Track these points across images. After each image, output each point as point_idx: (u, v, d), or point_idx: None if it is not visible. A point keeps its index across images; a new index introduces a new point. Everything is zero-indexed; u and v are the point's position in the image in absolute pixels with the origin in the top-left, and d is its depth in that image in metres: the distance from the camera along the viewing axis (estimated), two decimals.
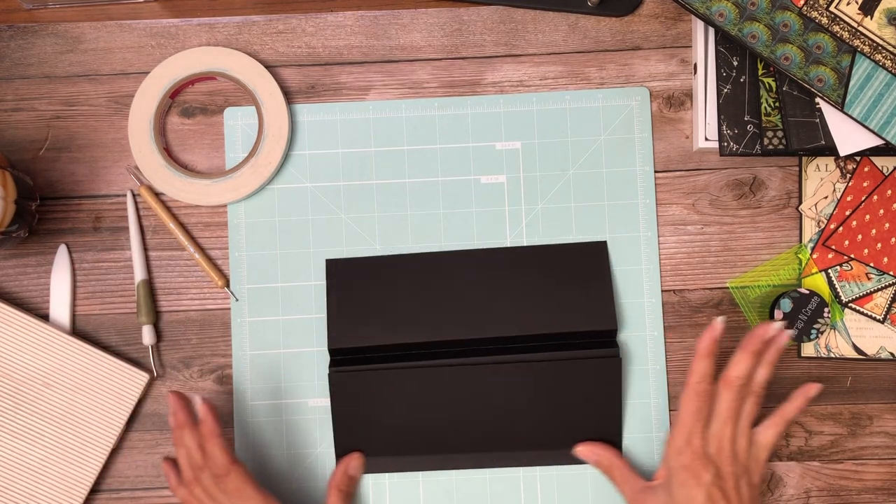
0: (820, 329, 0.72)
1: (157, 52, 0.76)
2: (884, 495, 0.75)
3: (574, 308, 0.73)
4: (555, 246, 0.74)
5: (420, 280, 0.73)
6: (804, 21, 0.70)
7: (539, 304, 0.73)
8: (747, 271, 0.75)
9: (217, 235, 0.75)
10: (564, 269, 0.74)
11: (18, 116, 0.75)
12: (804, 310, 0.72)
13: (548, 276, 0.73)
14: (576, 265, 0.74)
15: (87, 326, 0.75)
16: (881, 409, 0.75)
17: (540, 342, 0.73)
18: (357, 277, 0.74)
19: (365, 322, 0.73)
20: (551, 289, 0.73)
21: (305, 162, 0.75)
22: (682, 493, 0.64)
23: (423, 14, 0.76)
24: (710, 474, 0.63)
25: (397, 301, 0.73)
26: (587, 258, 0.74)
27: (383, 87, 0.76)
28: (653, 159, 0.75)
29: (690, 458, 0.64)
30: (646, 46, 0.76)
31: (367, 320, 0.73)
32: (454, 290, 0.73)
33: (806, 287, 0.73)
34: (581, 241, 0.74)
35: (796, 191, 0.75)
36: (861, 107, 0.69)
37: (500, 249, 0.74)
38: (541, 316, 0.73)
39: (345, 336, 0.73)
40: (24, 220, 0.69)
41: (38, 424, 0.72)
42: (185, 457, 0.68)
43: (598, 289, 0.73)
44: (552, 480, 0.74)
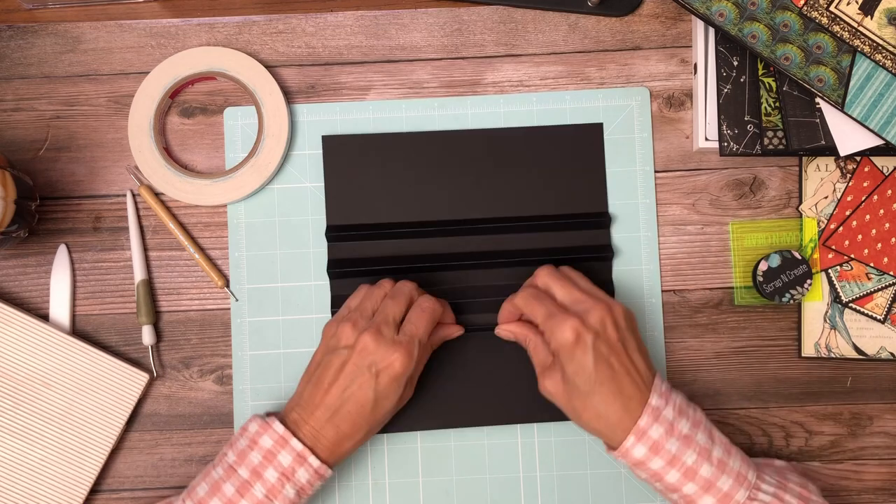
0: (794, 296, 0.72)
1: (157, 52, 0.76)
2: (884, 495, 0.75)
3: (568, 190, 0.74)
4: (551, 127, 0.75)
5: (417, 158, 0.74)
6: (804, 21, 0.70)
7: (532, 185, 0.74)
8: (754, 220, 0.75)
9: (217, 235, 0.75)
10: (560, 150, 0.74)
11: (18, 116, 0.75)
12: (788, 272, 0.72)
13: (542, 157, 0.74)
14: (571, 147, 0.74)
15: (87, 326, 0.75)
16: (881, 409, 0.75)
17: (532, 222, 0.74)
18: (353, 154, 0.74)
19: (361, 199, 0.74)
20: (545, 170, 0.74)
21: (305, 162, 0.75)
22: (572, 364, 0.63)
23: (423, 14, 0.76)
24: (590, 336, 0.63)
25: (394, 178, 0.74)
26: (583, 140, 0.75)
27: (383, 87, 0.76)
28: (653, 159, 0.75)
29: (572, 332, 0.63)
30: (646, 46, 0.76)
31: (363, 197, 0.74)
32: (450, 168, 0.74)
33: None
34: (578, 123, 0.75)
35: (796, 191, 0.75)
36: (861, 107, 0.69)
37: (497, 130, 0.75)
38: (533, 197, 0.74)
39: (341, 213, 0.74)
40: (24, 220, 0.69)
41: (38, 424, 0.72)
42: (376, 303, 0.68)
43: (592, 171, 0.74)
44: (552, 480, 0.74)
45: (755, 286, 0.73)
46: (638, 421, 0.62)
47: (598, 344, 0.63)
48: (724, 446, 0.64)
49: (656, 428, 0.62)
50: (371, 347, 0.64)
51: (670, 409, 0.63)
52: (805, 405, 0.75)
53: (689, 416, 0.64)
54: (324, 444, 0.65)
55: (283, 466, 0.63)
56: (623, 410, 0.63)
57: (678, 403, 0.64)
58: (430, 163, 0.74)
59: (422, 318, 0.68)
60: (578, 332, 0.63)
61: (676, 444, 0.62)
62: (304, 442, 0.64)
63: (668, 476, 0.62)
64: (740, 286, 0.75)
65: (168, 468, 0.74)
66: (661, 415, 0.63)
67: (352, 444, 0.66)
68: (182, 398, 0.74)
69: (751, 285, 0.74)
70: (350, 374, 0.65)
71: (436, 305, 0.69)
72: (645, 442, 0.62)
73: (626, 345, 0.65)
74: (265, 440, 0.64)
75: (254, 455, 0.63)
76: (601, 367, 0.63)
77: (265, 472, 0.63)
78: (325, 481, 0.66)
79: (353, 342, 0.65)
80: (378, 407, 0.65)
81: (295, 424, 0.65)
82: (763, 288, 0.72)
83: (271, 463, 0.63)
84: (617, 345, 0.64)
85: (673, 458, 0.62)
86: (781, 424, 0.75)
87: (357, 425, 0.65)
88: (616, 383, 0.63)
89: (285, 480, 0.63)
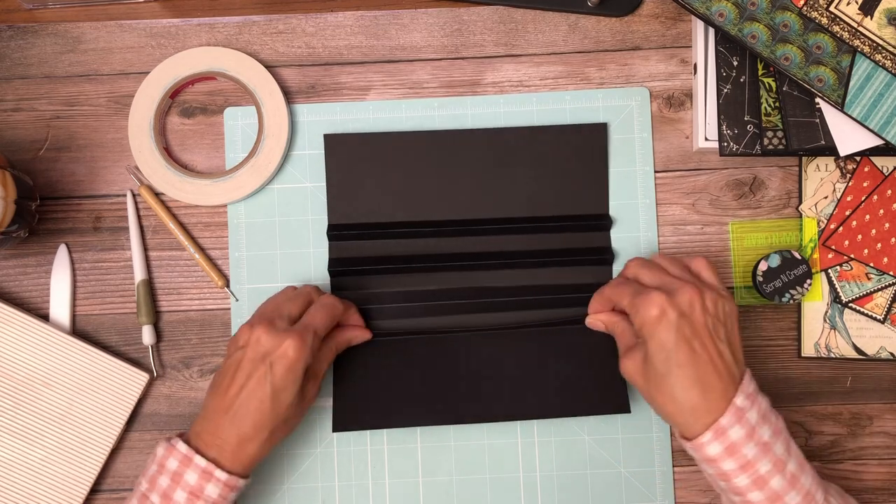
0: (794, 296, 0.72)
1: (157, 52, 0.76)
2: (884, 495, 0.75)
3: (570, 191, 0.74)
4: (554, 126, 0.74)
5: (419, 156, 0.74)
6: (804, 21, 0.70)
7: (535, 186, 0.74)
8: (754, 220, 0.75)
9: (217, 235, 0.75)
10: (563, 150, 0.74)
11: (18, 116, 0.75)
12: (788, 272, 0.72)
13: (545, 157, 0.74)
14: (575, 147, 0.74)
15: (87, 326, 0.75)
16: (881, 409, 0.75)
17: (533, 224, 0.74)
18: (354, 153, 0.74)
19: (362, 198, 0.74)
20: (548, 170, 0.74)
21: (305, 162, 0.75)
22: (653, 342, 0.62)
23: (423, 14, 0.76)
24: (674, 313, 0.61)
25: (395, 177, 0.74)
26: (587, 140, 0.74)
27: (383, 87, 0.76)
28: (653, 159, 0.75)
29: (655, 307, 0.61)
30: (646, 46, 0.76)
31: (365, 196, 0.74)
32: (452, 167, 0.74)
33: None
34: (582, 123, 0.75)
35: (796, 191, 0.75)
36: (861, 107, 0.69)
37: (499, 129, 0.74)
38: (535, 197, 0.74)
39: (343, 212, 0.74)
40: (24, 220, 0.69)
41: (38, 424, 0.72)
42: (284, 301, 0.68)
43: (594, 172, 0.74)
44: (552, 480, 0.74)
45: (755, 286, 0.73)
46: (719, 419, 0.60)
47: (682, 323, 0.61)
48: (798, 461, 0.62)
49: (737, 429, 0.60)
50: (263, 339, 0.63)
51: (755, 413, 0.61)
52: (805, 405, 0.75)
53: (772, 422, 0.62)
54: (228, 452, 0.63)
55: (190, 485, 0.62)
56: (701, 399, 0.61)
57: (763, 408, 0.62)
58: (433, 162, 0.74)
59: (318, 311, 0.67)
60: (663, 307, 0.61)
61: (754, 451, 0.60)
62: (208, 455, 0.63)
63: (736, 479, 0.60)
64: (740, 286, 0.75)
65: None
66: (745, 417, 0.60)
67: (256, 447, 0.64)
68: (182, 398, 0.74)
69: (751, 285, 0.74)
70: (246, 370, 0.63)
71: (335, 302, 0.68)
72: (722, 441, 0.60)
73: (714, 331, 0.62)
74: (171, 462, 0.63)
75: (162, 479, 0.62)
76: (682, 348, 0.61)
77: (174, 494, 0.62)
78: (241, 490, 0.65)
79: (247, 340, 0.64)
80: (277, 401, 0.63)
81: (198, 437, 0.64)
82: (763, 288, 0.72)
83: (179, 484, 0.62)
84: (703, 329, 0.62)
85: (747, 464, 0.60)
86: None
87: (259, 424, 0.63)
88: (696, 369, 0.61)
89: (195, 499, 0.62)
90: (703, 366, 0.61)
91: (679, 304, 0.61)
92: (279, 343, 0.63)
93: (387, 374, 0.73)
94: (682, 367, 0.61)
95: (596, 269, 0.74)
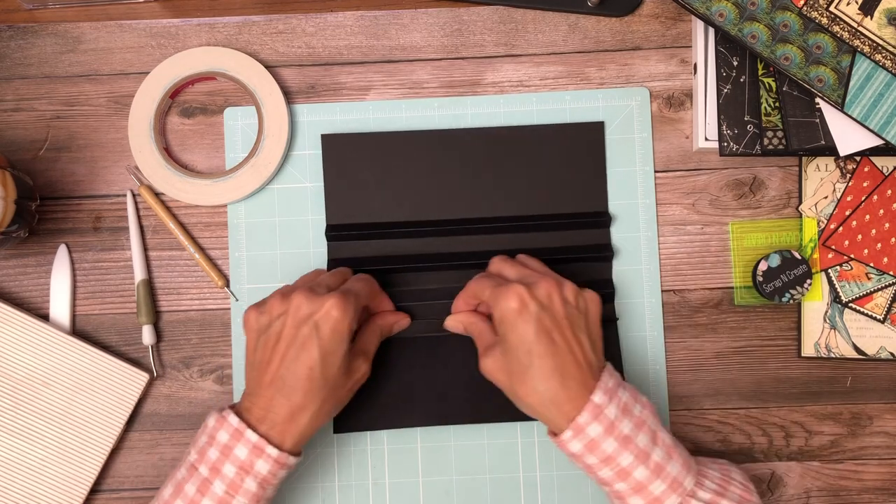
0: (794, 296, 0.72)
1: (157, 52, 0.76)
2: (884, 495, 0.75)
3: (568, 189, 0.74)
4: (552, 125, 0.75)
5: (417, 156, 0.74)
6: (804, 21, 0.70)
7: (533, 184, 0.74)
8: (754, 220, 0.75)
9: (217, 235, 0.75)
10: (560, 149, 0.74)
11: (18, 116, 0.75)
12: (788, 272, 0.72)
13: (543, 155, 0.74)
14: (572, 145, 0.74)
15: (87, 326, 0.75)
16: (881, 409, 0.75)
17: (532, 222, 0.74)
18: (352, 153, 0.74)
19: (360, 198, 0.74)
20: (546, 169, 0.74)
21: (305, 162, 0.75)
22: (513, 335, 0.62)
23: (423, 14, 0.76)
24: (535, 305, 0.62)
25: (393, 177, 0.74)
26: (584, 139, 0.74)
27: (383, 87, 0.76)
28: (653, 159, 0.75)
29: (516, 299, 0.62)
30: (646, 46, 0.76)
31: (363, 196, 0.74)
32: (451, 167, 0.74)
33: None
34: (579, 122, 0.75)
35: (796, 191, 0.75)
36: (861, 107, 0.69)
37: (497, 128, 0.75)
38: (534, 196, 0.74)
39: (341, 212, 0.74)
40: (24, 220, 0.69)
41: (38, 424, 0.72)
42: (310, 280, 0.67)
43: (593, 170, 0.74)
44: (552, 481, 0.74)
45: (755, 286, 0.73)
46: (577, 417, 0.61)
47: (543, 316, 0.62)
48: (665, 449, 0.62)
49: (595, 426, 0.61)
50: (304, 304, 0.62)
51: (613, 408, 0.61)
52: (805, 405, 0.75)
53: (634, 415, 0.62)
54: (279, 426, 0.62)
55: (240, 460, 0.61)
56: (561, 388, 0.61)
57: (624, 401, 0.62)
58: (430, 161, 0.74)
59: (357, 281, 0.67)
60: (523, 300, 0.62)
61: (614, 445, 0.60)
62: (259, 430, 0.62)
63: (600, 472, 0.62)
64: (740, 286, 0.75)
65: (168, 468, 0.74)
66: (603, 413, 0.61)
67: (308, 419, 0.63)
68: (182, 398, 0.74)
69: (751, 285, 0.74)
70: (289, 336, 0.62)
71: (371, 278, 0.69)
72: (581, 439, 0.61)
73: (573, 322, 0.63)
74: (222, 434, 0.62)
75: (212, 451, 0.61)
76: (542, 339, 0.62)
77: (223, 467, 0.61)
78: (292, 469, 0.64)
79: (284, 308, 0.63)
80: (326, 365, 0.62)
81: (249, 412, 0.63)
82: (763, 288, 0.72)
83: (228, 458, 0.61)
84: (563, 321, 0.63)
85: (608, 458, 0.61)
86: (781, 424, 0.75)
87: (310, 392, 0.62)
88: (556, 359, 0.62)
89: (244, 474, 0.61)
90: (563, 356, 0.62)
91: (538, 295, 0.63)
92: (321, 304, 0.62)
93: (386, 376, 0.73)
94: (542, 358, 0.62)
95: (596, 265, 0.74)
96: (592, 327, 0.65)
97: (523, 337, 0.62)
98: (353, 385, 0.67)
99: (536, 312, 0.62)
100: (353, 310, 0.64)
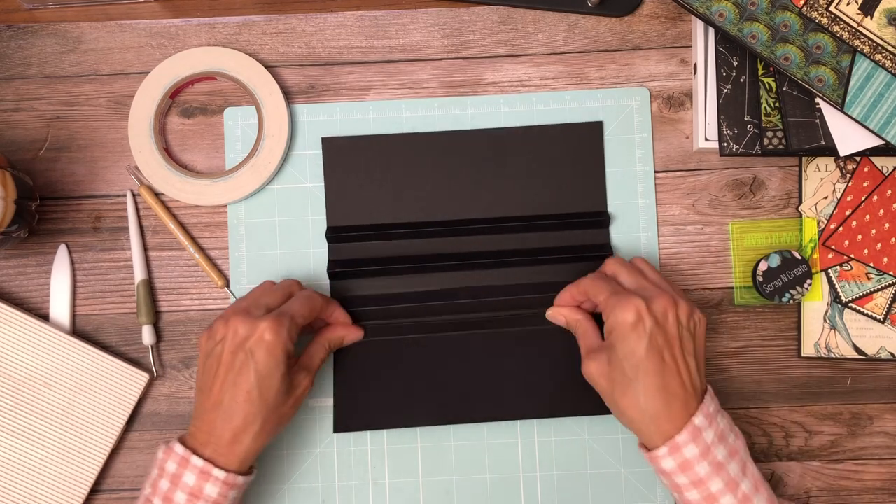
0: (794, 296, 0.72)
1: (157, 52, 0.76)
2: (884, 495, 0.75)
3: (567, 189, 0.74)
4: (550, 126, 0.75)
5: (415, 158, 0.74)
6: (804, 21, 0.70)
7: (532, 185, 0.74)
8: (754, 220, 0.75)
9: (217, 235, 0.75)
10: (559, 149, 0.74)
11: (18, 116, 0.75)
12: (788, 272, 0.72)
13: (542, 156, 0.74)
14: (571, 146, 0.74)
15: (87, 326, 0.75)
16: (881, 409, 0.75)
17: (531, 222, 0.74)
18: (352, 156, 0.74)
19: (360, 200, 0.74)
20: (545, 169, 0.74)
21: (305, 162, 0.75)
22: (624, 346, 0.63)
23: (423, 14, 0.76)
24: (650, 321, 0.62)
25: (393, 179, 0.74)
26: (583, 139, 0.74)
27: (383, 87, 0.76)
28: (653, 159, 0.75)
29: (633, 312, 0.62)
30: (646, 46, 0.76)
31: (363, 199, 0.74)
32: (449, 168, 0.74)
33: None
34: (577, 122, 0.75)
35: (796, 191, 0.75)
36: (861, 107, 0.69)
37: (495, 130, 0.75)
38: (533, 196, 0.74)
39: (341, 214, 0.74)
40: (24, 220, 0.69)
41: (38, 424, 0.72)
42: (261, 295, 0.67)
43: (591, 170, 0.74)
44: (552, 481, 0.74)
45: (755, 286, 0.73)
46: (676, 436, 0.61)
47: (656, 332, 0.62)
48: (753, 481, 0.63)
49: (691, 448, 0.61)
50: (240, 328, 0.63)
51: (711, 433, 0.62)
52: (805, 405, 0.75)
53: (728, 443, 0.63)
54: (223, 448, 0.63)
55: (189, 486, 0.62)
56: (664, 408, 0.62)
57: (721, 428, 0.63)
58: (429, 163, 0.74)
59: (295, 301, 0.67)
60: (640, 313, 0.62)
61: (707, 469, 0.61)
62: (204, 454, 0.63)
63: (688, 493, 0.62)
64: (740, 286, 0.75)
65: None
66: (701, 436, 0.61)
67: (249, 440, 0.63)
68: (182, 398, 0.74)
69: (750, 285, 0.74)
70: (227, 362, 0.63)
71: (314, 295, 0.69)
72: (676, 458, 0.61)
73: (683, 343, 0.63)
74: (170, 465, 0.63)
75: (163, 482, 0.63)
76: (653, 356, 0.62)
77: (174, 496, 0.62)
78: (242, 488, 0.64)
79: (223, 333, 0.64)
80: (263, 388, 0.63)
81: (194, 438, 0.64)
82: (763, 288, 0.72)
83: (178, 486, 0.62)
84: (675, 340, 0.63)
85: (699, 480, 0.61)
86: (781, 424, 0.75)
87: (249, 415, 0.63)
88: (663, 378, 0.62)
89: (195, 499, 0.62)
90: (670, 376, 0.62)
91: (655, 311, 0.63)
92: (255, 328, 0.63)
93: (387, 375, 0.73)
94: (649, 376, 0.62)
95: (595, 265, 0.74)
96: (699, 350, 0.65)
97: (634, 351, 0.62)
98: (294, 401, 0.67)
99: (651, 329, 0.62)
100: (288, 332, 0.64)
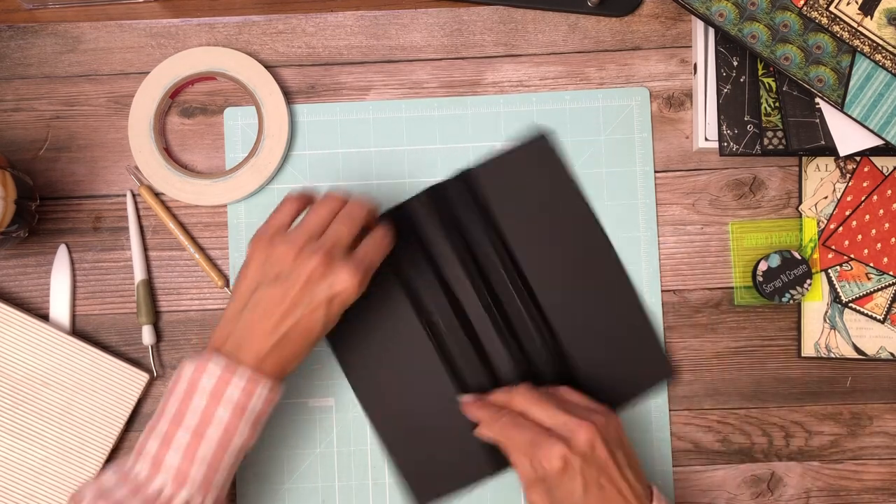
0: (794, 296, 0.72)
1: (157, 52, 0.76)
2: (884, 495, 0.75)
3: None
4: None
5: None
6: (804, 21, 0.70)
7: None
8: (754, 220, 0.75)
9: (217, 235, 0.75)
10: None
11: (18, 116, 0.75)
12: (788, 272, 0.72)
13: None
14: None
15: (87, 326, 0.75)
16: (881, 409, 0.75)
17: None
18: None
19: None
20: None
21: (305, 162, 0.75)
22: (560, 490, 0.61)
23: (423, 14, 0.76)
24: (578, 461, 0.61)
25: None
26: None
27: (383, 87, 0.76)
28: (653, 159, 0.75)
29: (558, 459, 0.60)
30: (646, 46, 0.76)
31: None
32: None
33: None
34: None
35: (796, 191, 0.75)
36: (861, 107, 0.69)
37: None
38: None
39: None
40: (24, 220, 0.69)
41: (38, 424, 0.72)
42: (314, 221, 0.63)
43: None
44: None
45: (755, 286, 0.73)
46: None
47: (587, 468, 0.61)
48: None
49: None
50: (320, 274, 0.61)
51: None
52: (805, 405, 0.75)
53: None
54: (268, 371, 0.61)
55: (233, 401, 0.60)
56: None
57: None
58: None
59: (378, 248, 0.64)
60: (566, 458, 0.60)
61: None
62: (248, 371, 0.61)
63: None
64: (740, 286, 0.75)
65: None
66: None
67: (295, 366, 0.63)
68: None
69: (750, 285, 0.74)
70: (297, 303, 0.61)
71: (391, 237, 0.66)
72: None
73: (616, 461, 0.62)
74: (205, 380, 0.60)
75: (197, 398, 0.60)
76: (591, 491, 0.61)
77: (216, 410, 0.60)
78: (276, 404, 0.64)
79: (296, 268, 0.61)
80: (325, 332, 0.63)
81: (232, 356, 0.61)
82: (763, 288, 0.72)
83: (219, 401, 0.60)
84: (607, 464, 0.61)
85: None
86: (781, 424, 0.75)
87: (301, 349, 0.62)
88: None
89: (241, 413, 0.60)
90: (613, 499, 0.61)
91: (581, 448, 0.61)
92: (341, 278, 0.61)
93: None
94: None
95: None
96: (631, 457, 0.64)
97: (572, 492, 0.61)
98: None
99: (581, 467, 0.61)
100: (367, 283, 0.63)
